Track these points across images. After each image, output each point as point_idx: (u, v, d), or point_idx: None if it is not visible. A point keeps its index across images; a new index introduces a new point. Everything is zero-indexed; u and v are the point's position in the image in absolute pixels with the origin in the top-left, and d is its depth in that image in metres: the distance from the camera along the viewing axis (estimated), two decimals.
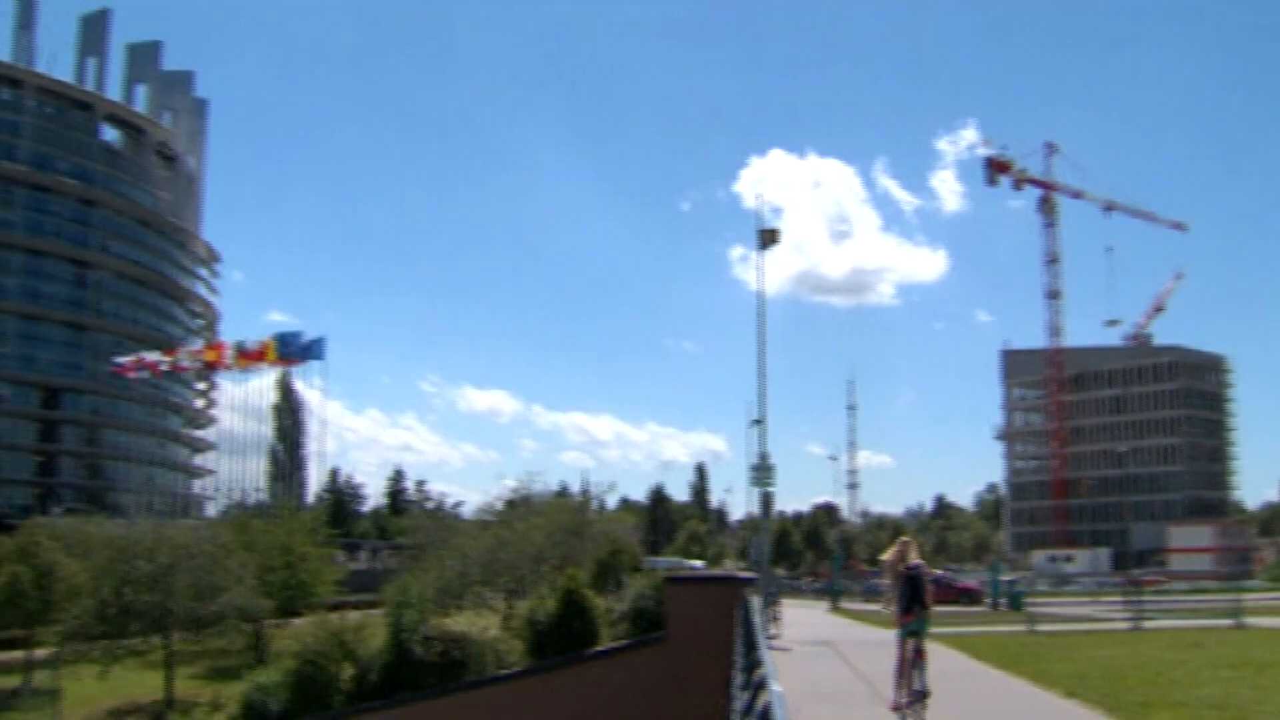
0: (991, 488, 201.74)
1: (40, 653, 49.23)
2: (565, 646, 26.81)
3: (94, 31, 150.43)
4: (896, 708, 14.42)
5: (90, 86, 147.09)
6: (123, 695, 44.88)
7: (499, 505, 56.49)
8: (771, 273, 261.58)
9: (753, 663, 10.25)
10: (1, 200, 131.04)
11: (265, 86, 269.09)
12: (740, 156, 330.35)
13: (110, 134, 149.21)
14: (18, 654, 50.70)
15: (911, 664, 14.12)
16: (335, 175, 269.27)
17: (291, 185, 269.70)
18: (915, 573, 14.46)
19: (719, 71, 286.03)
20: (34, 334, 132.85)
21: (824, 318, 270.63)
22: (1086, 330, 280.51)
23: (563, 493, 67.43)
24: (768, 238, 33.74)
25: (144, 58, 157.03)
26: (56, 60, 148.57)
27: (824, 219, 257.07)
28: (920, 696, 13.85)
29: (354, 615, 36.69)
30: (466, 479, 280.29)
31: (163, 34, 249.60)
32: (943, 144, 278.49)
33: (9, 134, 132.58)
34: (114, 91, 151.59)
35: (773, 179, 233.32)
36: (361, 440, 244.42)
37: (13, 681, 48.90)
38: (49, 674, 47.91)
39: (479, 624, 35.98)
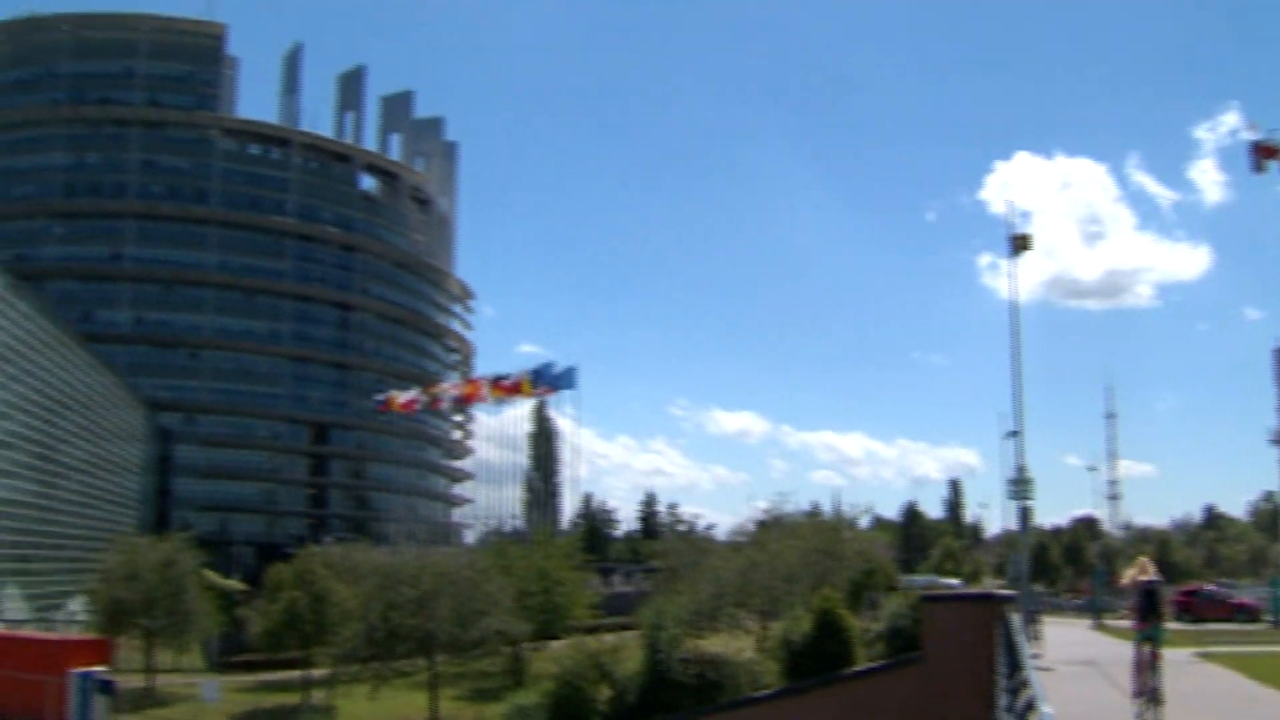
0: (1268, 496, 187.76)
1: (316, 673, 51.84)
2: (820, 667, 26.51)
3: (351, 88, 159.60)
4: (1138, 694, 16.19)
5: (349, 139, 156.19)
6: (392, 714, 46.79)
7: (751, 526, 56.59)
8: (1022, 279, 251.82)
9: (1018, 684, 9.98)
10: (274, 251, 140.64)
11: (507, 124, 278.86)
12: (984, 162, 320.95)
13: (368, 182, 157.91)
14: (296, 673, 53.47)
15: (1149, 665, 15.98)
16: (578, 205, 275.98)
17: (537, 218, 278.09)
18: (1151, 586, 16.69)
19: (957, 77, 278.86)
20: (304, 375, 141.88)
21: (1078, 323, 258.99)
22: None
23: (814, 512, 66.85)
24: (1020, 243, 32.86)
25: (397, 108, 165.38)
26: (318, 118, 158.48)
27: (1075, 221, 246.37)
28: (1155, 695, 15.56)
29: (610, 637, 37.13)
30: (717, 501, 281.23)
31: (414, 83, 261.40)
32: (1201, 132, 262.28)
33: (279, 190, 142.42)
34: (370, 142, 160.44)
35: (1019, 183, 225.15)
36: (613, 466, 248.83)
37: (292, 699, 51.64)
38: (324, 693, 50.44)
39: (734, 645, 35.99)
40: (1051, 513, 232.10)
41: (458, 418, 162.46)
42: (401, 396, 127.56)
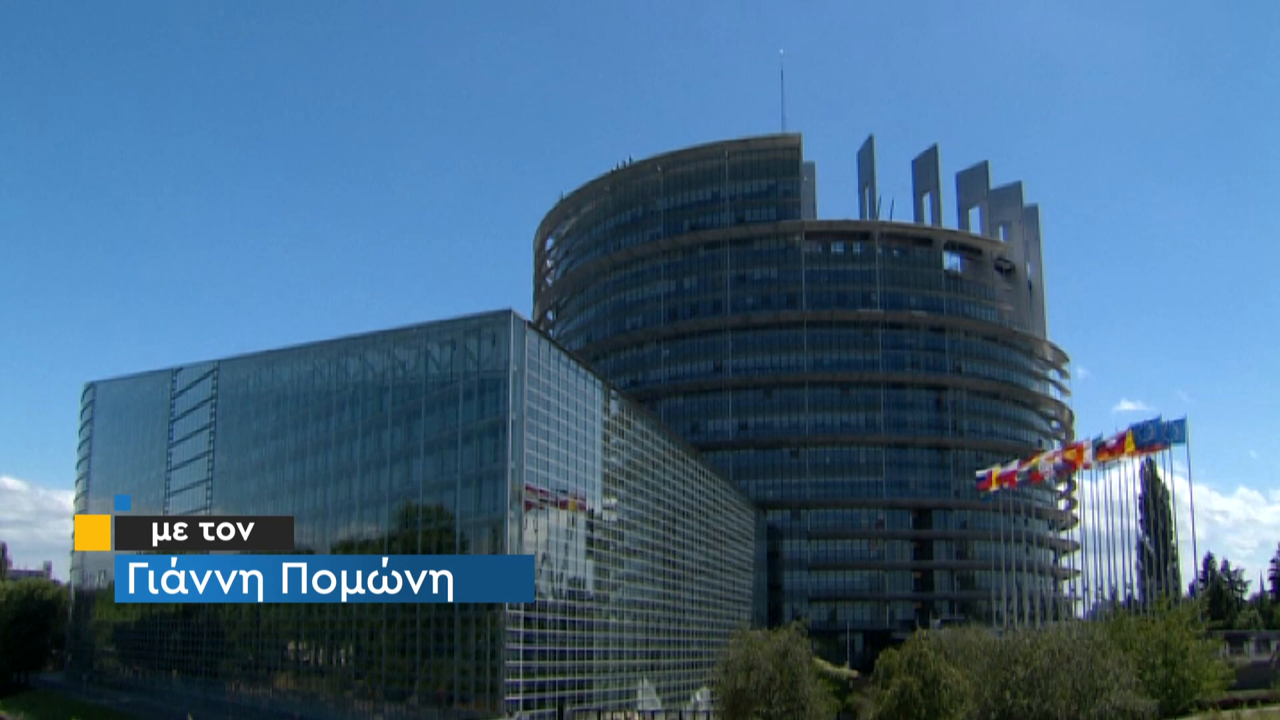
0: None
1: None
2: None
3: (924, 170, 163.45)
4: None
5: (928, 221, 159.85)
6: None
7: None
8: None
9: None
10: (863, 344, 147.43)
11: (1087, 176, 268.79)
12: None
13: (951, 260, 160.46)
14: None
15: None
16: (1171, 248, 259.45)
17: (1126, 267, 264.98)
18: None
19: None
20: (902, 460, 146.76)
21: None
22: None
23: None
24: None
25: (973, 181, 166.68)
26: (895, 206, 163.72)
27: None
28: None
29: (1249, 713, 35.41)
30: None
31: (988, 153, 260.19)
32: None
33: (864, 283, 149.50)
34: (950, 220, 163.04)
35: None
36: (1233, 523, 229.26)
37: None
38: None
39: None
40: None
41: (1061, 487, 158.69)
42: (1001, 471, 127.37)
